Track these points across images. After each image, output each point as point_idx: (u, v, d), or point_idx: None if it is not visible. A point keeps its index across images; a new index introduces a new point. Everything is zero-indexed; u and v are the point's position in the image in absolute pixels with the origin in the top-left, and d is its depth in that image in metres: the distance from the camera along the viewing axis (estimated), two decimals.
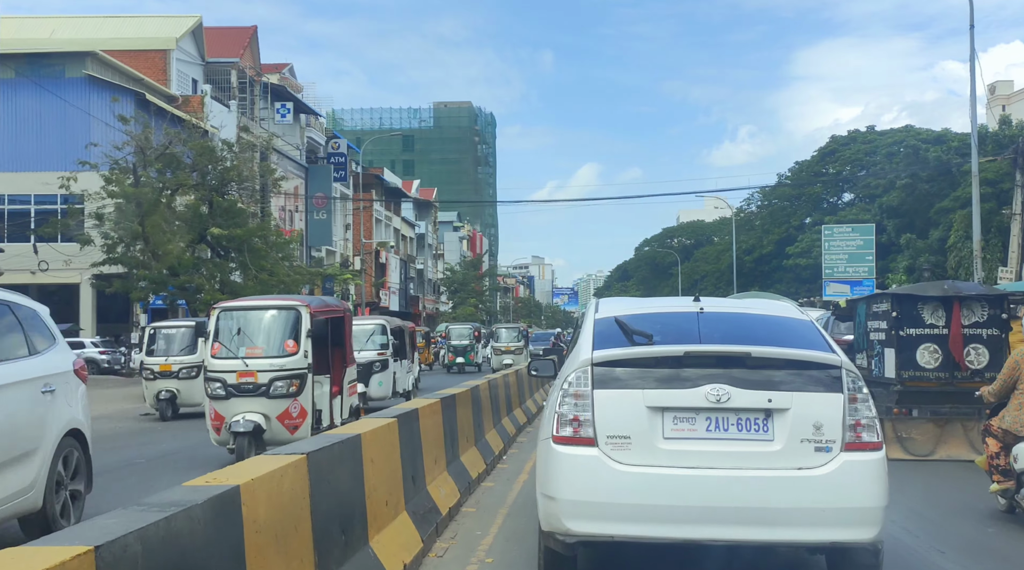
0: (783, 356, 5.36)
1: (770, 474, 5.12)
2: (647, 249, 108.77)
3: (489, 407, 12.76)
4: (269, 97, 52.71)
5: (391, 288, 76.51)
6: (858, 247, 44.60)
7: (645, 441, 5.20)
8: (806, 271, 58.16)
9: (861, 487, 5.13)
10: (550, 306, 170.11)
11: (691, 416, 5.22)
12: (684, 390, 5.22)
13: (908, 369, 12.00)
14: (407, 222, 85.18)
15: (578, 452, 5.26)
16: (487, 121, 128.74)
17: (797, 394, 5.20)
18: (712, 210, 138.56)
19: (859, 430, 5.19)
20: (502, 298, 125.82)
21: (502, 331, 40.26)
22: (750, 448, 5.17)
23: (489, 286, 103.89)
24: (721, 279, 75.44)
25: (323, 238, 59.00)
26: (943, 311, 11.99)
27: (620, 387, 5.31)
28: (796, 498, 5.09)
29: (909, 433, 11.87)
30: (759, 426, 5.19)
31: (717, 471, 5.13)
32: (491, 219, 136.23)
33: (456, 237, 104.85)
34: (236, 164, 30.22)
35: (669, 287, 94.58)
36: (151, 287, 28.16)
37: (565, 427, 5.33)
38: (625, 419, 5.24)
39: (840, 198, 62.44)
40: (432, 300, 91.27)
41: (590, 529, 5.27)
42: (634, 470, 5.17)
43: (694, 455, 5.17)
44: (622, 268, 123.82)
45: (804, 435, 5.14)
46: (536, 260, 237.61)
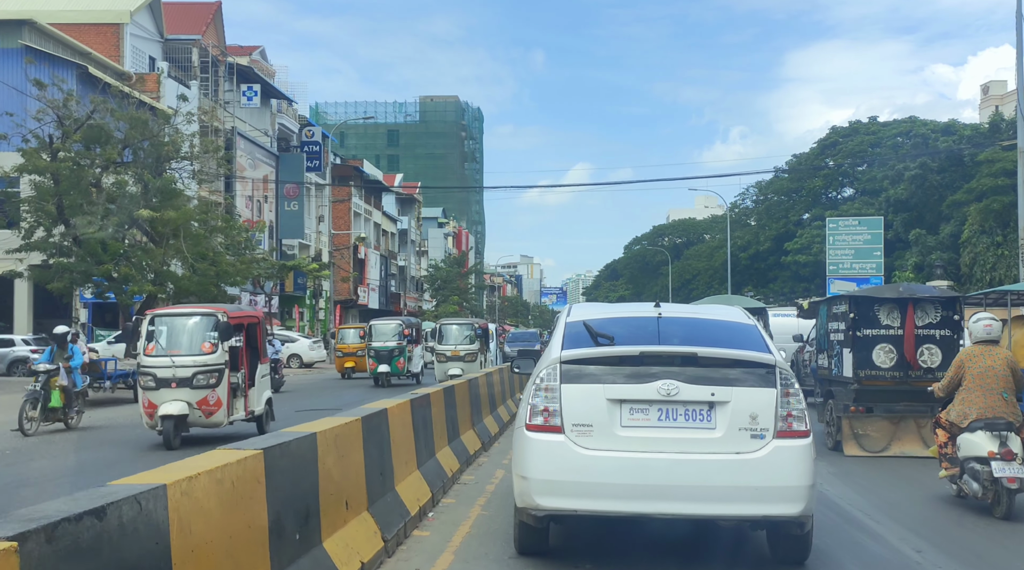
0: (725, 356, 6.02)
1: (712, 458, 5.80)
2: (637, 248, 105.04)
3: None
4: (235, 79, 48.74)
5: (370, 284, 72.58)
6: (865, 241, 40.89)
7: (605, 429, 5.88)
8: (806, 268, 54.51)
9: (790, 469, 5.79)
10: (538, 306, 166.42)
11: (645, 407, 5.90)
12: (639, 385, 5.90)
13: (865, 368, 12.22)
14: (388, 217, 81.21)
15: (547, 438, 5.94)
16: (474, 116, 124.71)
17: (737, 388, 5.87)
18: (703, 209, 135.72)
19: (790, 420, 5.86)
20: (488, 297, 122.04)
21: (450, 329, 27.51)
22: (695, 435, 5.84)
23: (475, 284, 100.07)
24: (714, 277, 71.74)
25: (294, 230, 55.06)
26: (898, 312, 12.25)
27: (585, 382, 5.99)
28: (734, 478, 5.76)
29: (865, 430, 12.21)
30: (703, 416, 5.87)
31: (667, 455, 5.80)
32: (478, 216, 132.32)
33: (441, 234, 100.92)
34: (173, 138, 26.26)
35: (659, 286, 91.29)
36: (71, 277, 24.22)
37: (536, 416, 6.01)
38: (588, 410, 5.92)
39: (840, 193, 58.81)
40: (414, 298, 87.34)
41: (558, 504, 5.95)
42: (595, 454, 5.85)
43: (647, 441, 5.84)
44: (611, 267, 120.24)
45: (742, 424, 5.81)
46: (525, 259, 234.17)
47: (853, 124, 56.74)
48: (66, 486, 9.64)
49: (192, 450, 11.06)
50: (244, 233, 41.52)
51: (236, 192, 48.11)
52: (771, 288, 62.69)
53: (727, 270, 58.33)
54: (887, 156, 50.76)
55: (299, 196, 55.51)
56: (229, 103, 48.59)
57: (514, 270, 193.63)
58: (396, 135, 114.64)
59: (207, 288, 25.48)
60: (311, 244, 57.12)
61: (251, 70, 49.29)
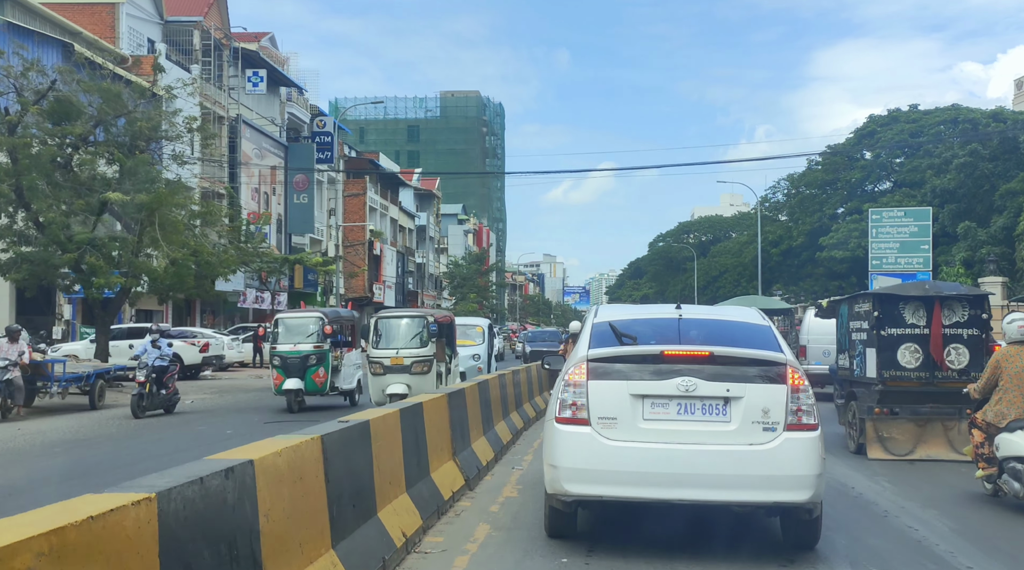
0: (740, 355, 6.36)
1: (727, 448, 6.11)
2: (661, 245, 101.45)
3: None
4: (240, 64, 45.94)
5: (386, 281, 69.71)
6: (912, 234, 37.35)
7: (628, 421, 6.25)
8: (842, 264, 50.94)
9: (799, 459, 6.10)
10: (560, 305, 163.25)
11: (665, 402, 6.24)
12: (660, 381, 6.26)
13: (889, 369, 11.89)
14: (406, 212, 78.32)
15: (575, 430, 6.30)
16: (495, 111, 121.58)
17: (750, 385, 6.20)
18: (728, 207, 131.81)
19: (800, 414, 6.15)
20: (510, 296, 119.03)
21: (389, 324, 17.53)
22: (711, 428, 6.18)
23: (496, 282, 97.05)
24: (743, 274, 68.23)
25: (304, 224, 52.26)
26: (924, 311, 11.95)
27: (610, 378, 6.34)
28: (748, 468, 6.08)
29: (890, 433, 11.87)
30: (719, 410, 6.20)
31: (685, 446, 6.14)
32: (499, 213, 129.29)
33: (461, 231, 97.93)
34: (149, 114, 23.35)
35: (683, 284, 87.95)
36: (29, 268, 21.36)
37: (565, 410, 6.36)
38: (613, 404, 6.28)
39: (876, 186, 55.16)
40: (432, 296, 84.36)
41: (584, 490, 6.31)
42: (619, 444, 6.21)
43: (667, 433, 6.20)
44: (634, 265, 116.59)
45: (755, 418, 6.14)
46: (548, 258, 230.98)
47: (892, 112, 53.08)
48: None
49: None
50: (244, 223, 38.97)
51: (241, 182, 45.38)
52: (802, 286, 59.18)
53: (757, 267, 54.90)
54: (931, 145, 47.19)
55: (309, 188, 52.69)
56: (234, 90, 45.83)
57: (536, 269, 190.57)
58: (416, 131, 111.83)
59: (183, 280, 22.59)
60: (322, 239, 54.25)
61: (257, 54, 46.47)
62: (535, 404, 17.26)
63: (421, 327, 17.12)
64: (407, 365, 16.59)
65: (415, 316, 17.86)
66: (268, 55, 50.48)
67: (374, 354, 16.92)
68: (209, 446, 11.28)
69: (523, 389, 16.46)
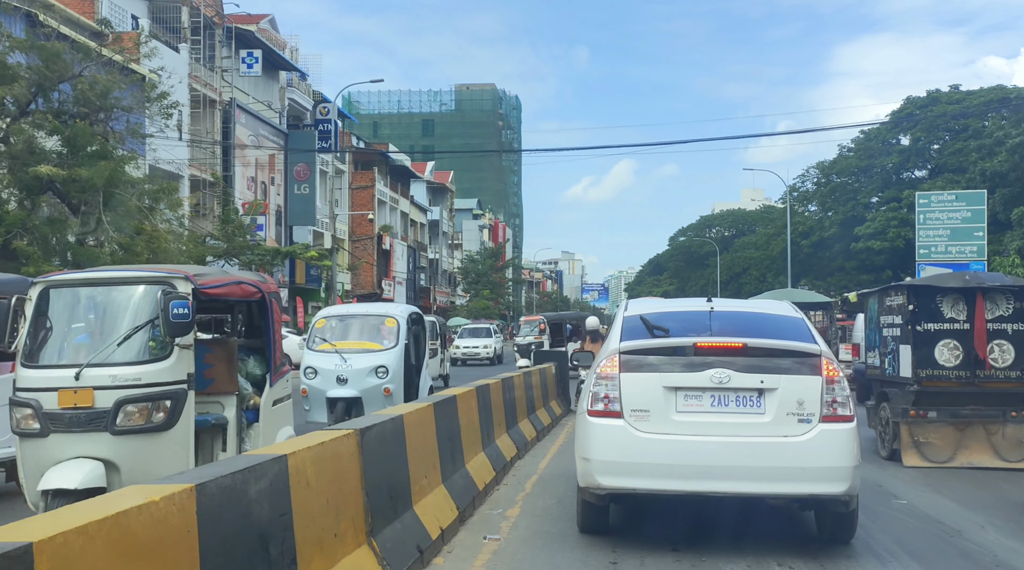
0: (773, 346, 6.29)
1: (762, 440, 6.06)
2: (683, 239, 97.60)
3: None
4: (233, 45, 42.57)
5: (396, 277, 66.30)
6: (964, 220, 33.60)
7: (661, 414, 6.16)
8: (880, 256, 47.02)
9: (835, 450, 6.02)
10: (579, 301, 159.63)
11: (698, 394, 6.17)
12: (693, 373, 6.17)
13: (926, 368, 11.01)
14: (417, 206, 74.82)
15: (608, 423, 6.24)
16: (512, 105, 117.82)
17: (784, 376, 6.12)
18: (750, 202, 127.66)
19: (835, 406, 6.08)
20: (527, 293, 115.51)
21: None
22: (746, 420, 6.12)
23: (512, 278, 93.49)
24: (770, 268, 64.34)
25: (305, 216, 48.84)
26: (964, 304, 11.03)
27: (642, 371, 6.26)
28: (782, 459, 6.02)
29: (927, 437, 10.96)
30: (753, 402, 6.13)
31: (719, 438, 6.07)
32: (515, 209, 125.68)
33: (476, 226, 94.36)
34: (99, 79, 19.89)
35: (705, 280, 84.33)
36: None
37: (598, 403, 6.30)
38: (646, 396, 6.20)
39: (912, 173, 51.13)
40: (446, 293, 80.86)
41: (618, 483, 6.24)
42: (652, 436, 6.13)
43: (701, 425, 6.12)
44: (654, 261, 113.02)
45: (789, 409, 6.07)
46: (566, 256, 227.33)
47: (932, 94, 49.04)
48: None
49: None
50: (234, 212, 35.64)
51: (235, 170, 42.06)
52: (831, 281, 55.16)
53: (786, 260, 51.00)
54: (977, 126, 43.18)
55: (311, 178, 49.29)
56: (228, 71, 42.48)
57: (555, 266, 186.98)
58: (431, 125, 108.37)
59: None
60: (326, 232, 50.74)
61: (252, 34, 43.07)
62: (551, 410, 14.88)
63: None
64: None
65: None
66: (267, 38, 47.09)
67: None
68: None
69: (536, 393, 13.69)
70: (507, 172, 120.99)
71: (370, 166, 63.37)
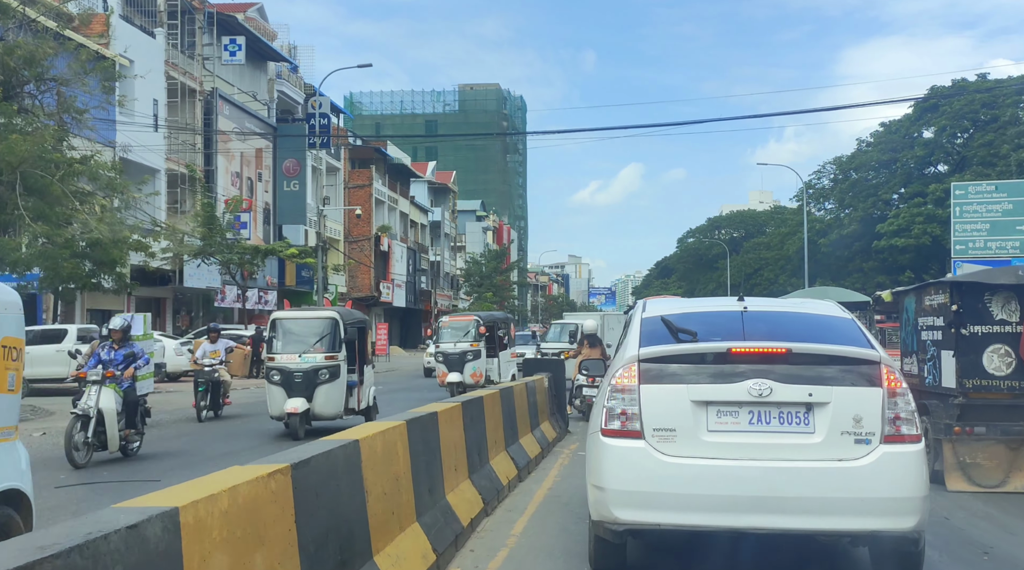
0: (823, 352, 5.27)
1: (811, 465, 5.06)
2: (691, 241, 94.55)
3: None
4: (215, 31, 39.64)
5: (395, 280, 63.29)
6: (1005, 213, 30.30)
7: (690, 433, 5.14)
8: (905, 254, 43.84)
9: (900, 477, 5.07)
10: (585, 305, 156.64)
11: (734, 410, 5.16)
12: (727, 385, 5.17)
13: (972, 377, 9.67)
14: (418, 207, 71.82)
15: (626, 444, 5.23)
16: (516, 105, 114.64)
17: (837, 388, 5.13)
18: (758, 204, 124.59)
19: (898, 423, 5.13)
20: (532, 296, 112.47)
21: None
22: (792, 440, 5.11)
23: (517, 281, 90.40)
24: (784, 269, 61.19)
25: (295, 214, 45.89)
26: (1017, 303, 9.67)
27: (666, 382, 5.25)
28: (837, 488, 5.02)
29: (974, 458, 9.51)
30: (800, 419, 5.14)
31: (760, 462, 5.07)
32: (520, 211, 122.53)
33: (479, 228, 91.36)
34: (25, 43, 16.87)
35: (715, 282, 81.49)
36: None
37: (613, 420, 5.29)
38: (670, 412, 5.18)
39: (936, 167, 47.91)
40: (447, 295, 77.77)
41: (637, 517, 5.21)
42: (679, 461, 5.12)
43: (737, 447, 5.11)
44: (662, 264, 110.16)
45: (844, 428, 5.09)
46: (573, 259, 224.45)
47: (958, 83, 45.84)
48: None
49: None
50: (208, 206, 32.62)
51: (217, 165, 39.12)
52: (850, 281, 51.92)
53: (802, 259, 47.79)
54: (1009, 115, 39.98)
55: (301, 174, 46.34)
56: (209, 59, 39.58)
57: (561, 270, 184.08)
58: (435, 126, 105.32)
59: (56, 266, 16.16)
60: (311, 229, 47.58)
61: (234, 20, 40.14)
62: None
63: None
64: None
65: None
66: (255, 27, 44.20)
67: None
68: None
69: (521, 412, 11.87)
70: (512, 173, 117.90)
71: (367, 164, 60.44)
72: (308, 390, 13.20)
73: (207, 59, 39.36)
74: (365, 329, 14.83)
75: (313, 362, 13.34)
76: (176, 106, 36.57)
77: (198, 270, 34.37)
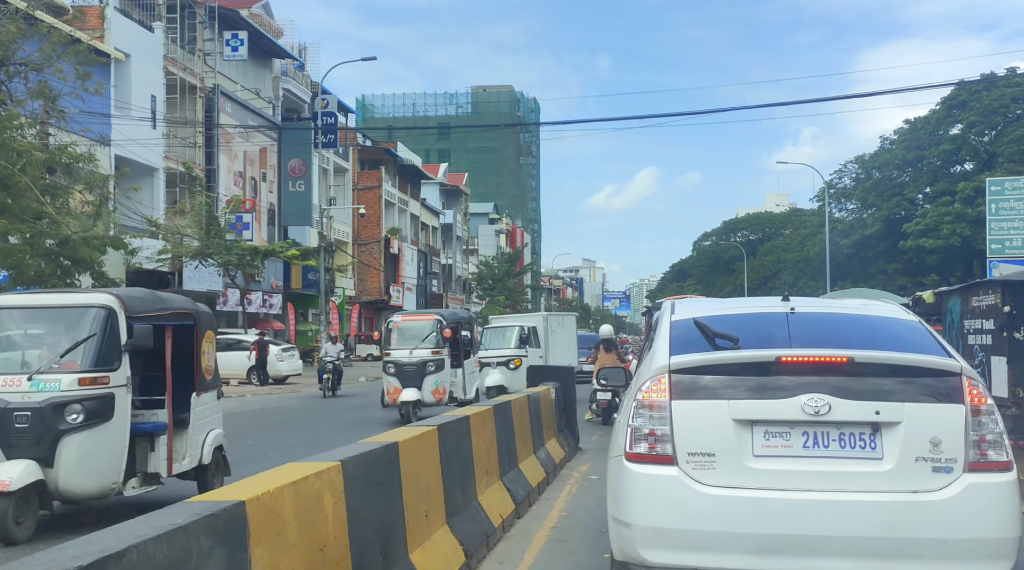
0: (892, 361, 4.40)
1: (879, 498, 4.19)
2: (707, 244, 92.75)
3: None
4: (216, 26, 38.27)
5: (405, 283, 61.80)
6: None
7: (732, 459, 4.30)
8: (933, 255, 41.97)
9: (989, 513, 4.19)
10: (599, 309, 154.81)
11: (785, 430, 4.31)
12: (777, 401, 4.31)
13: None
14: (429, 209, 70.36)
15: (655, 471, 4.35)
16: (530, 107, 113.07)
17: (910, 405, 4.28)
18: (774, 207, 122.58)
19: (984, 447, 4.26)
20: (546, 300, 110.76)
21: None
22: (855, 468, 4.25)
23: (530, 284, 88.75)
24: (805, 270, 59.32)
25: (300, 215, 44.47)
26: None
27: (702, 397, 4.39)
28: (911, 526, 4.17)
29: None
30: (865, 442, 4.28)
31: (816, 494, 4.20)
32: (534, 214, 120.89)
33: (492, 231, 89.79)
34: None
35: (731, 285, 79.69)
36: None
37: (640, 443, 4.42)
38: (708, 434, 4.33)
39: (963, 165, 45.97)
40: (459, 299, 76.18)
41: (670, 560, 4.34)
42: (720, 492, 4.27)
43: (789, 475, 4.25)
44: (677, 267, 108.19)
45: (919, 453, 4.25)
46: (587, 263, 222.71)
47: (987, 76, 43.89)
48: None
49: None
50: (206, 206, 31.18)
51: (219, 164, 37.71)
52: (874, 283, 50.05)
53: (824, 261, 45.94)
54: None
55: (307, 175, 44.90)
56: (211, 55, 38.20)
57: (575, 274, 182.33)
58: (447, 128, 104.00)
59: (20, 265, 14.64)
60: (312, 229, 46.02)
61: (236, 14, 38.76)
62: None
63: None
64: None
65: None
66: (260, 23, 42.86)
67: None
68: None
69: (521, 431, 10.90)
70: (525, 176, 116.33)
71: (377, 165, 59.04)
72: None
73: (208, 55, 38.01)
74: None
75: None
76: (176, 103, 35.22)
77: (197, 272, 32.94)
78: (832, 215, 52.88)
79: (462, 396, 17.25)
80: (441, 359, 16.49)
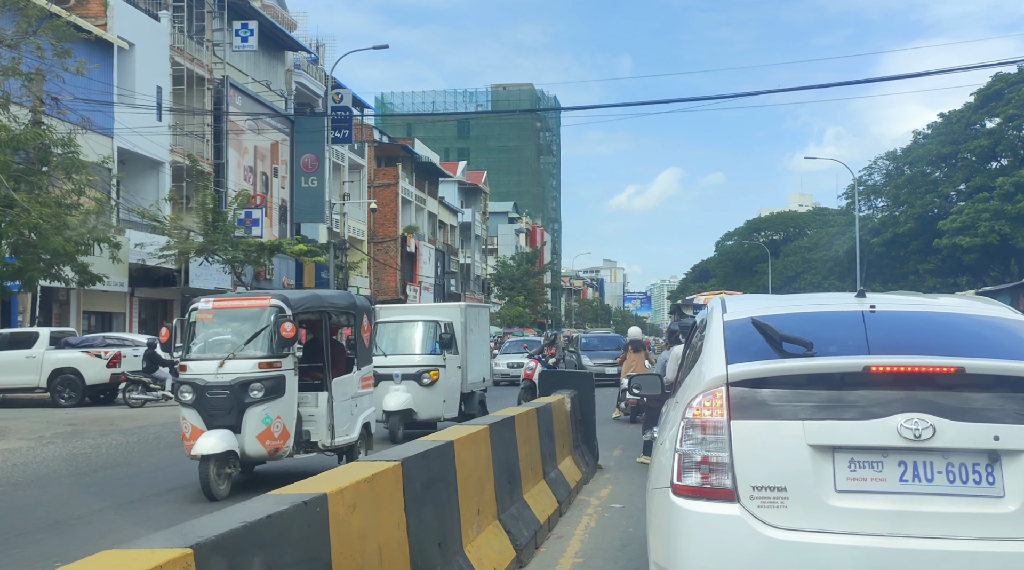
0: (1015, 373, 3.45)
1: (1000, 548, 3.30)
2: (729, 244, 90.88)
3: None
4: (226, 16, 36.90)
5: (422, 282, 60.35)
6: None
7: (809, 495, 3.41)
8: (969, 254, 40.00)
9: None
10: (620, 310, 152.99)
11: (877, 460, 3.44)
12: (865, 422, 3.42)
13: None
14: (447, 207, 68.87)
15: (711, 510, 3.46)
16: (550, 105, 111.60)
17: None
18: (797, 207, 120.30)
19: None
20: (567, 300, 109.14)
21: None
22: (968, 508, 3.38)
23: (551, 284, 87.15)
24: (832, 272, 57.32)
25: (313, 212, 43.04)
26: None
27: (769, 416, 3.50)
28: None
29: None
30: (981, 475, 3.41)
31: (918, 542, 3.34)
32: (554, 213, 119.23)
33: (512, 230, 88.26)
34: None
35: (755, 286, 77.90)
36: None
37: (691, 473, 3.53)
38: (779, 463, 3.45)
39: (1000, 160, 43.94)
40: (478, 299, 74.69)
41: None
42: (794, 537, 3.38)
43: (882, 517, 3.38)
44: (699, 268, 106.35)
45: None
46: (608, 264, 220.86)
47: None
48: None
49: None
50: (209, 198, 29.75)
51: (228, 158, 36.35)
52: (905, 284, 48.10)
53: (853, 260, 44.02)
54: None
55: (319, 170, 43.48)
56: (219, 46, 36.85)
57: (596, 274, 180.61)
58: (467, 126, 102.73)
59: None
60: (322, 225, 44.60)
61: (246, 3, 37.36)
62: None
63: None
64: None
65: None
66: (272, 14, 41.51)
67: None
68: None
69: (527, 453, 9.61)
70: (545, 175, 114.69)
71: (393, 162, 57.61)
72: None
73: (217, 45, 36.64)
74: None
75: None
76: (183, 94, 33.89)
77: (204, 269, 31.57)
78: (861, 213, 50.98)
79: (326, 440, 10.08)
80: (278, 378, 9.37)
